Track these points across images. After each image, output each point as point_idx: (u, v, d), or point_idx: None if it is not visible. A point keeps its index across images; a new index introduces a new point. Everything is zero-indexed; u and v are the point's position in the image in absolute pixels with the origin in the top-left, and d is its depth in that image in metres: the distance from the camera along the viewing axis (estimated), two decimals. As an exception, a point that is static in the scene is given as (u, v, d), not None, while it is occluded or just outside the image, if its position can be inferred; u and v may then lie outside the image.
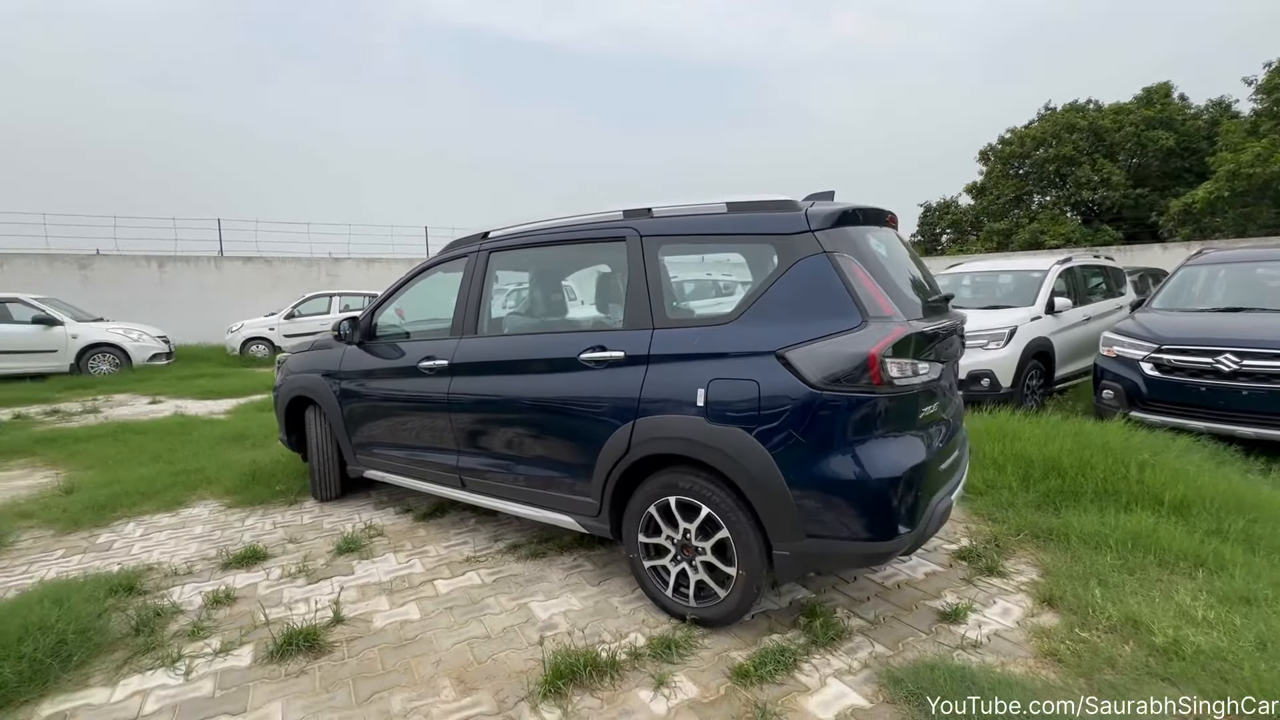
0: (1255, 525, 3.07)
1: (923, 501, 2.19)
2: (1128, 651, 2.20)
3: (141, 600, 2.73)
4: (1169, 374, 4.67)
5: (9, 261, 13.07)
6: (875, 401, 2.12)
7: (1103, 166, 26.42)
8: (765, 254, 2.41)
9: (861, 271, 2.22)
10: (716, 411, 2.29)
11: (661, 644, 2.33)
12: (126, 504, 4.00)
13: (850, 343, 2.11)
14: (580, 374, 2.69)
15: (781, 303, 2.29)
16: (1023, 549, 3.15)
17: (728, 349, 2.33)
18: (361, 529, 3.55)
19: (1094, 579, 2.68)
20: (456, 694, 2.10)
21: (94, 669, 2.25)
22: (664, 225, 2.65)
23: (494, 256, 3.23)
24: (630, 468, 2.53)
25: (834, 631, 2.41)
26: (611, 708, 2.02)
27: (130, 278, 14.22)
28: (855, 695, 2.06)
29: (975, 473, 3.94)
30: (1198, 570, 2.73)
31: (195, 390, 8.95)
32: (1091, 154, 26.98)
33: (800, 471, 2.15)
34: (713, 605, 2.41)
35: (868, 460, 2.11)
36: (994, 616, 2.54)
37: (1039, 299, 6.38)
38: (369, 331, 3.71)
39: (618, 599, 2.73)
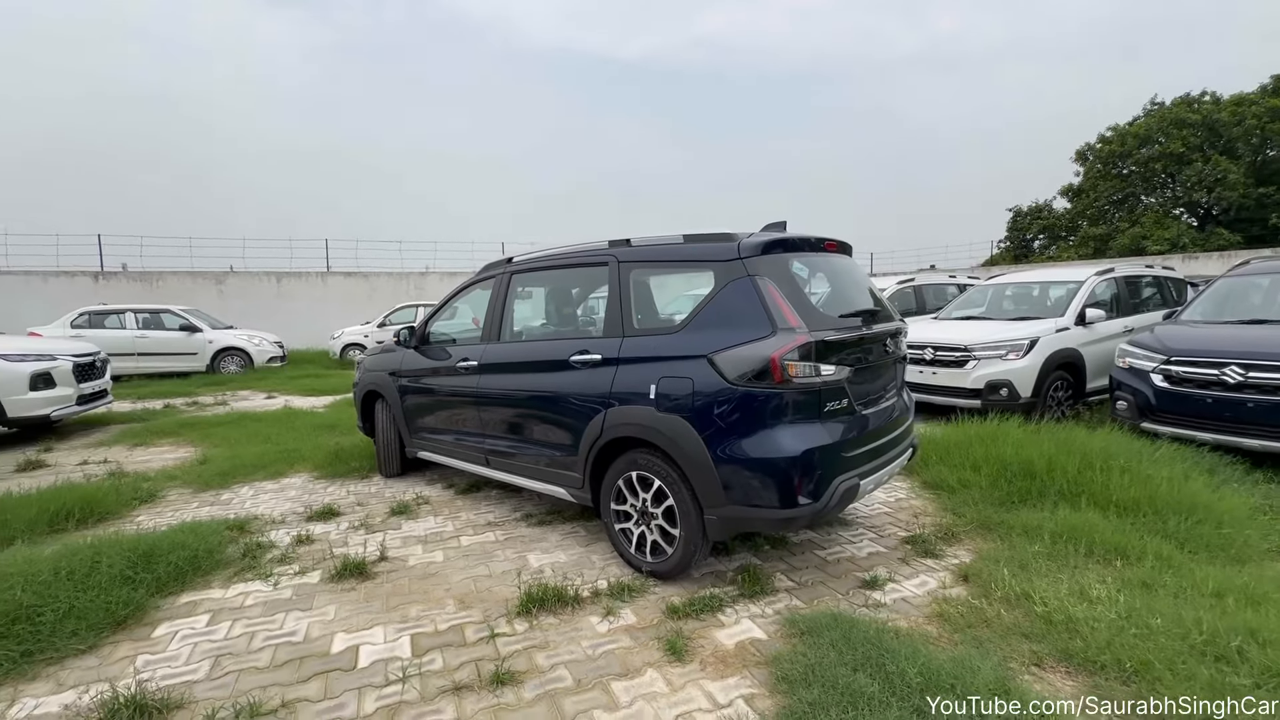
0: (1197, 526, 3.24)
1: (824, 479, 2.67)
2: (1006, 616, 2.56)
3: (249, 537, 3.64)
4: (1177, 386, 4.70)
5: (162, 279, 15.60)
6: (779, 395, 2.63)
7: (1218, 164, 24.09)
8: (706, 276, 2.97)
9: (775, 291, 2.73)
10: (663, 403, 2.87)
11: (619, 588, 2.93)
12: (243, 473, 5.07)
13: (758, 348, 2.63)
14: (571, 373, 3.34)
15: (715, 316, 2.85)
16: (969, 538, 3.47)
17: (674, 353, 2.91)
18: (412, 498, 4.38)
19: (1014, 563, 3.00)
20: (455, 609, 2.81)
21: (215, 577, 3.14)
22: (636, 253, 3.27)
23: (515, 277, 3.97)
24: (604, 448, 3.15)
25: (763, 588, 2.91)
26: (567, 625, 2.65)
27: (254, 291, 16.47)
28: (758, 631, 2.57)
29: (951, 471, 4.25)
30: (1117, 560, 2.98)
31: (302, 388, 10.42)
32: (1205, 150, 24.68)
33: (722, 451, 2.69)
34: (663, 560, 2.98)
35: (772, 442, 2.62)
36: (910, 587, 2.94)
37: (1069, 310, 6.40)
38: (423, 338, 4.56)
39: (597, 556, 3.35)
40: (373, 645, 2.52)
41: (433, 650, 2.48)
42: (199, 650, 2.50)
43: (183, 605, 2.88)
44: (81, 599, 2.65)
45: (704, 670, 2.31)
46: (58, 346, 6.87)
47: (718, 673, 2.29)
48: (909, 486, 4.43)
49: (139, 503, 4.35)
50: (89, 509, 3.95)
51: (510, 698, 2.17)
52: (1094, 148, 29.06)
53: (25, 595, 2.58)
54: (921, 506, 4.03)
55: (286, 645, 2.53)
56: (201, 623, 2.72)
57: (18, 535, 3.45)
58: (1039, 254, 31.18)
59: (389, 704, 2.14)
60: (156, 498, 4.51)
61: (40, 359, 6.34)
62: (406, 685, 2.24)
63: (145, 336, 11.62)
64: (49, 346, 6.79)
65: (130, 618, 2.72)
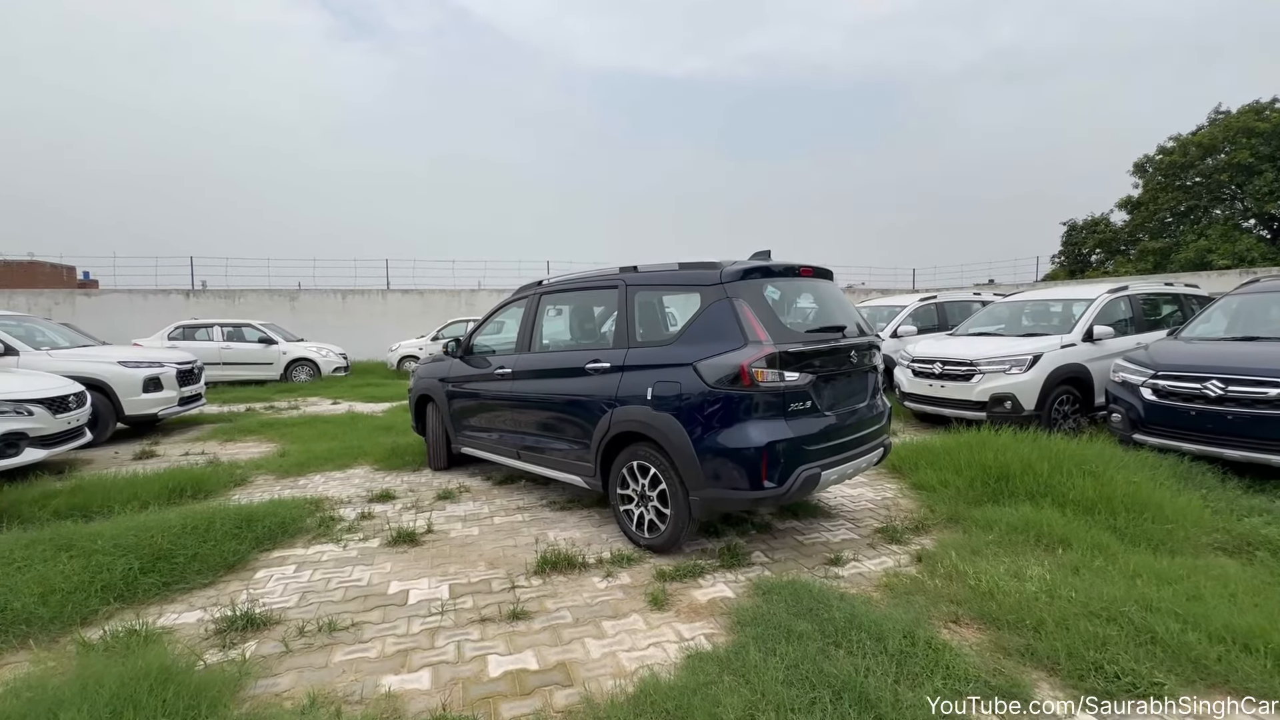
0: (1144, 523, 3.57)
1: (788, 467, 3.19)
2: (942, 587, 3.01)
3: (323, 512, 4.41)
4: (1164, 399, 4.95)
5: (243, 295, 17.27)
6: (749, 397, 3.18)
7: (1291, 174, 22.94)
8: (694, 298, 3.56)
9: (749, 310, 3.29)
10: (657, 403, 3.46)
11: (620, 557, 3.52)
12: (316, 465, 5.91)
13: (732, 358, 3.20)
14: (586, 378, 3.97)
15: (699, 331, 3.43)
16: (936, 529, 3.90)
17: (667, 361, 3.50)
18: (456, 487, 5.09)
19: (966, 548, 3.42)
20: (486, 568, 3.45)
21: (297, 541, 3.90)
22: (641, 278, 3.89)
23: (544, 297, 4.65)
24: (610, 441, 3.75)
25: (740, 561, 3.44)
26: (574, 582, 3.25)
27: (323, 306, 17.97)
28: (729, 591, 3.10)
29: (936, 474, 4.65)
30: (1059, 548, 3.37)
31: (363, 395, 11.46)
32: (1276, 160, 23.55)
33: (703, 442, 3.25)
34: (657, 536, 3.55)
35: (743, 435, 3.17)
36: (869, 565, 3.41)
37: (1077, 327, 6.63)
38: (468, 349, 5.29)
39: (606, 534, 3.94)
40: (419, 590, 3.18)
41: (465, 595, 3.12)
42: (290, 588, 3.23)
43: (275, 557, 3.63)
44: (203, 547, 3.44)
45: (678, 616, 2.87)
46: (164, 355, 8.01)
47: (688, 618, 2.85)
48: (898, 487, 4.84)
49: (234, 485, 5.22)
50: (198, 487, 4.82)
51: (522, 627, 2.78)
52: (1154, 159, 28.06)
53: (163, 542, 3.38)
54: (904, 504, 4.45)
55: (354, 587, 3.23)
56: (290, 570, 3.46)
57: (150, 503, 4.32)
58: (1095, 269, 30.16)
59: (430, 628, 2.79)
60: (247, 481, 5.38)
61: (152, 366, 7.45)
62: (444, 616, 2.89)
63: (229, 348, 12.99)
64: (157, 355, 7.93)
65: (238, 563, 3.49)
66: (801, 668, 2.27)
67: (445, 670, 2.45)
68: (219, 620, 2.83)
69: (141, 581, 3.12)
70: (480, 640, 2.68)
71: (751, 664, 2.31)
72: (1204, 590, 2.75)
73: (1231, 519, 3.74)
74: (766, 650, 2.41)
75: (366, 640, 2.69)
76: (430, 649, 2.61)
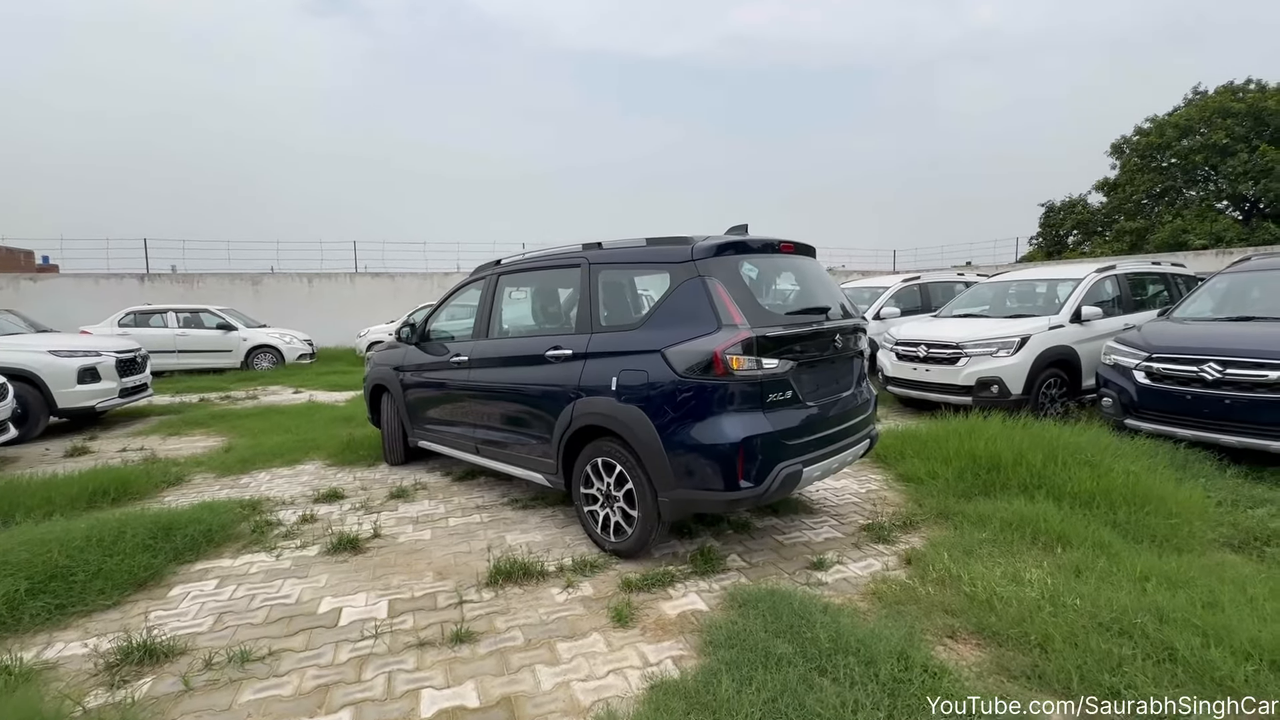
0: (1146, 517, 3.33)
1: (766, 465, 2.87)
2: (935, 594, 2.73)
3: (260, 516, 4.01)
4: (1158, 383, 4.73)
5: (202, 280, 16.48)
6: (723, 387, 2.84)
7: (1265, 154, 23.12)
8: (664, 277, 3.20)
9: (723, 290, 2.94)
10: (622, 394, 3.11)
11: (583, 564, 3.18)
12: (262, 460, 5.48)
13: (703, 343, 2.85)
14: (546, 366, 3.60)
15: (669, 314, 3.07)
16: (926, 526, 3.63)
17: (633, 348, 3.15)
18: (411, 484, 4.71)
19: (959, 548, 3.15)
20: (433, 579, 3.10)
21: (226, 549, 3.50)
22: (606, 255, 3.51)
23: (502, 278, 4.25)
24: (573, 436, 3.40)
25: (715, 567, 3.13)
26: (529, 595, 2.92)
27: (288, 291, 17.25)
28: (701, 603, 2.79)
29: (924, 464, 4.38)
30: (1059, 547, 3.11)
31: (327, 384, 10.95)
32: (1251, 141, 23.71)
33: (672, 437, 2.92)
34: (624, 540, 3.22)
35: (716, 430, 2.83)
36: (855, 568, 3.12)
37: (1065, 308, 6.41)
38: (424, 335, 4.88)
39: (570, 537, 3.61)
40: (354, 608, 2.82)
41: (406, 613, 2.77)
42: (205, 608, 2.85)
43: (196, 571, 3.24)
44: (108, 563, 3.03)
45: (644, 635, 2.55)
46: (102, 343, 7.45)
47: (655, 637, 2.53)
48: (884, 478, 4.58)
49: (167, 485, 4.78)
50: (122, 489, 4.38)
51: (465, 652, 2.44)
52: (1131, 140, 28.15)
53: (60, 557, 2.96)
54: (890, 497, 4.18)
55: (280, 606, 2.85)
56: (210, 586, 3.07)
57: (57, 510, 3.87)
58: (1073, 250, 30.36)
59: (360, 655, 2.44)
60: (183, 481, 4.94)
61: (87, 355, 6.90)
62: (378, 640, 2.54)
63: (185, 335, 12.34)
64: (94, 343, 7.37)
65: (150, 580, 3.09)
66: (781, 702, 1.97)
67: (370, 711, 2.11)
68: (112, 652, 2.44)
69: (28, 605, 2.71)
70: (416, 670, 2.33)
71: (724, 698, 1.99)
72: (1221, 596, 2.50)
73: (1236, 511, 3.53)
74: (741, 679, 2.10)
75: (283, 674, 2.32)
76: (356, 683, 2.26)
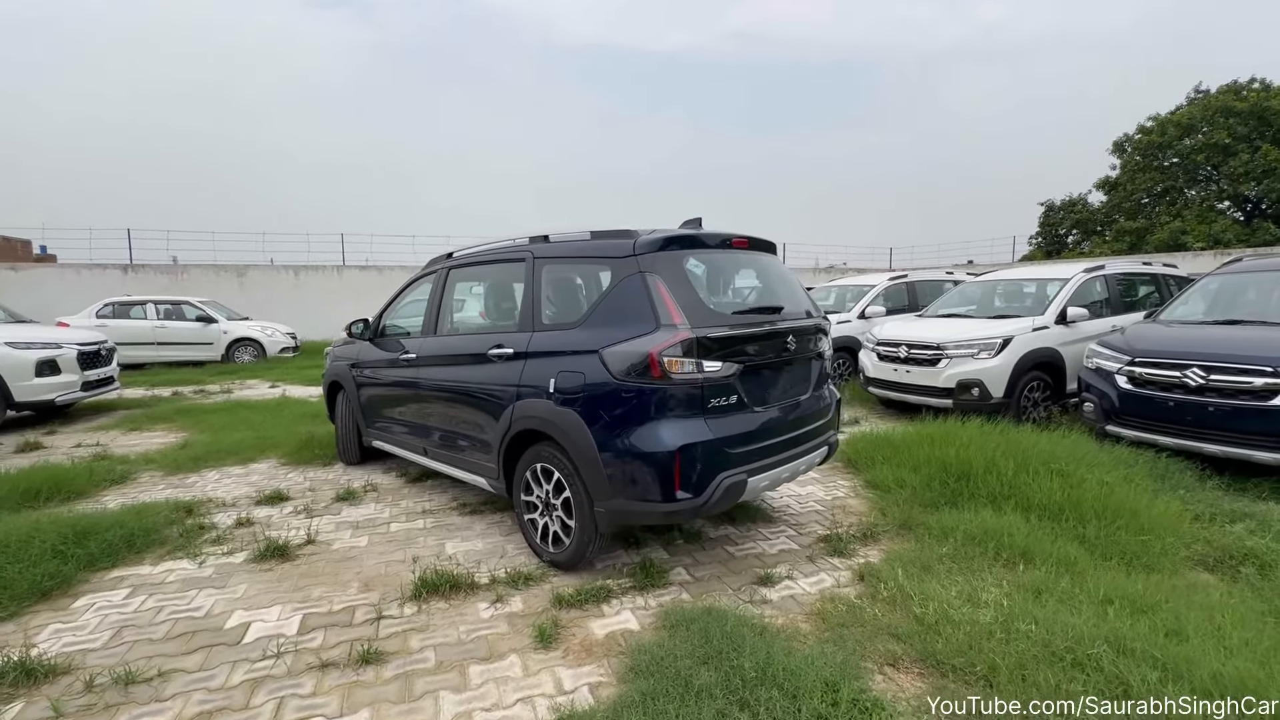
0: (1117, 532, 3.15)
1: (706, 475, 2.68)
2: (882, 616, 2.55)
3: (193, 519, 3.83)
4: (1140, 388, 4.54)
5: (187, 271, 16.28)
6: (660, 391, 2.65)
7: (1267, 154, 22.84)
8: (605, 272, 3.01)
9: (663, 288, 2.75)
10: (559, 396, 2.93)
11: (518, 576, 3.00)
12: (216, 458, 5.31)
13: (639, 344, 2.66)
14: (489, 366, 3.42)
15: (608, 312, 2.88)
16: (887, 538, 3.45)
17: (572, 348, 2.96)
18: (362, 485, 4.53)
19: (916, 564, 2.97)
20: (357, 591, 2.92)
21: (147, 555, 3.33)
22: (550, 249, 3.32)
23: (452, 272, 4.06)
24: (513, 440, 3.22)
25: (656, 581, 2.95)
26: (453, 610, 2.74)
27: (275, 284, 17.05)
28: (634, 622, 2.62)
29: (892, 471, 4.20)
30: (1021, 564, 2.93)
31: (306, 378, 10.76)
32: (1253, 140, 23.43)
33: (608, 444, 2.73)
34: (561, 551, 3.04)
35: (652, 437, 2.65)
36: (804, 585, 2.94)
37: (1050, 309, 6.21)
38: (378, 330, 4.69)
39: (512, 546, 3.43)
40: (264, 622, 2.65)
41: (318, 629, 2.59)
42: (107, 621, 2.67)
43: (109, 580, 3.06)
44: (10, 570, 2.85)
45: (565, 658, 2.37)
46: (63, 335, 7.26)
47: (577, 660, 2.35)
48: (852, 485, 4.40)
49: (110, 484, 4.61)
50: (57, 488, 4.20)
51: (369, 676, 2.26)
52: (1132, 139, 27.85)
53: (-43, 565, 2.79)
54: (854, 505, 4.00)
55: (187, 619, 2.68)
56: (119, 596, 2.89)
57: (-20, 511, 3.70)
58: (1072, 249, 30.12)
59: (255, 677, 2.26)
60: (128, 479, 4.76)
61: (46, 347, 6.72)
62: (279, 660, 2.36)
63: (164, 327, 12.15)
64: (55, 335, 7.19)
65: (56, 589, 2.91)
66: (690, 742, 1.79)
67: (247, 743, 1.93)
68: (-11, 671, 2.27)
69: (-89, 619, 2.54)
70: (311, 696, 2.16)
71: (629, 736, 1.82)
72: (1186, 623, 2.32)
73: (1213, 527, 3.34)
74: (654, 713, 1.93)
75: (166, 698, 2.15)
76: (242, 710, 2.08)
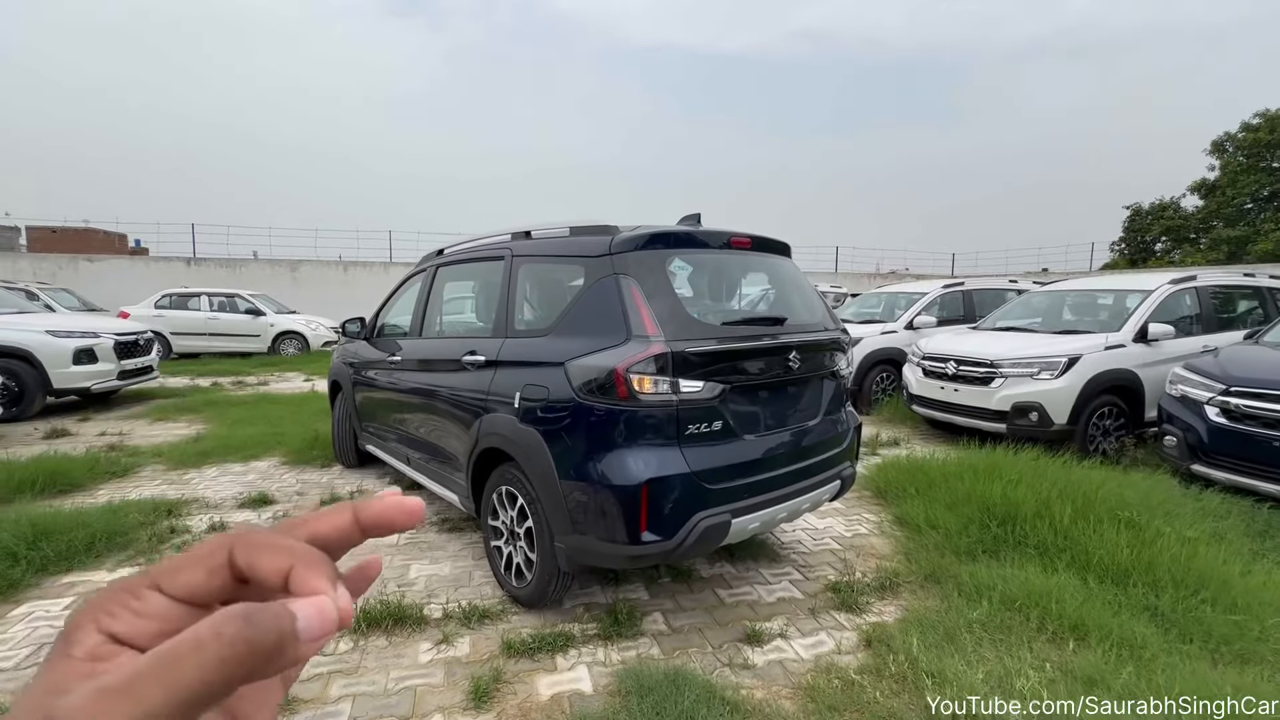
0: (1200, 606, 2.54)
1: (678, 514, 2.28)
2: (884, 700, 2.08)
3: (171, 521, 3.70)
4: (1237, 422, 3.81)
5: (244, 265, 16.98)
6: (627, 414, 2.27)
7: (1398, 155, 20.27)
8: (579, 274, 2.64)
9: (637, 293, 2.36)
10: (523, 412, 2.59)
11: (475, 612, 2.68)
12: (222, 454, 5.25)
13: (603, 358, 2.28)
14: (463, 374, 3.11)
15: (579, 318, 2.52)
16: (909, 591, 2.94)
17: (540, 358, 2.61)
18: (352, 491, 4.33)
19: (939, 630, 2.48)
20: (299, 619, 2.66)
21: (106, 560, 3.19)
22: (530, 247, 2.99)
23: (440, 271, 3.79)
24: (480, 457, 2.90)
25: (627, 630, 2.56)
26: (392, 650, 2.44)
27: (325, 279, 17.57)
28: (587, 682, 2.24)
29: (922, 506, 3.66)
30: (1072, 641, 2.38)
31: (341, 372, 10.90)
32: (1381, 139, 20.85)
33: (568, 471, 2.37)
34: (524, 586, 2.70)
35: (616, 467, 2.26)
36: (799, 647, 2.48)
37: (1128, 325, 5.44)
38: (375, 329, 4.49)
39: (480, 573, 3.11)
40: (188, 650, 2.41)
41: (239, 663, 2.33)
42: (35, 635, 2.50)
43: (60, 585, 2.92)
44: (-47, 572, 2.74)
45: (496, 724, 2.02)
46: (103, 325, 7.49)
47: (508, 729, 2.00)
48: (878, 520, 3.87)
49: (111, 477, 4.58)
50: (53, 480, 4.17)
51: (269, 731, 1.97)
52: (1235, 137, 25.33)
53: (-98, 564, 2.69)
54: (877, 546, 3.48)
55: (112, 640, 2.47)
56: (63, 606, 2.74)
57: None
58: (1160, 258, 27.69)
59: None
60: (130, 473, 4.73)
61: (84, 336, 6.92)
62: (183, 701, 2.10)
63: (216, 318, 12.60)
64: (95, 325, 7.41)
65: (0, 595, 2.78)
66: None
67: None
68: (-114, 689, 2.11)
69: None
70: (199, 750, 1.88)
71: None
72: (1294, 752, 1.76)
73: (1331, 606, 2.67)
74: (570, 822, 1.54)
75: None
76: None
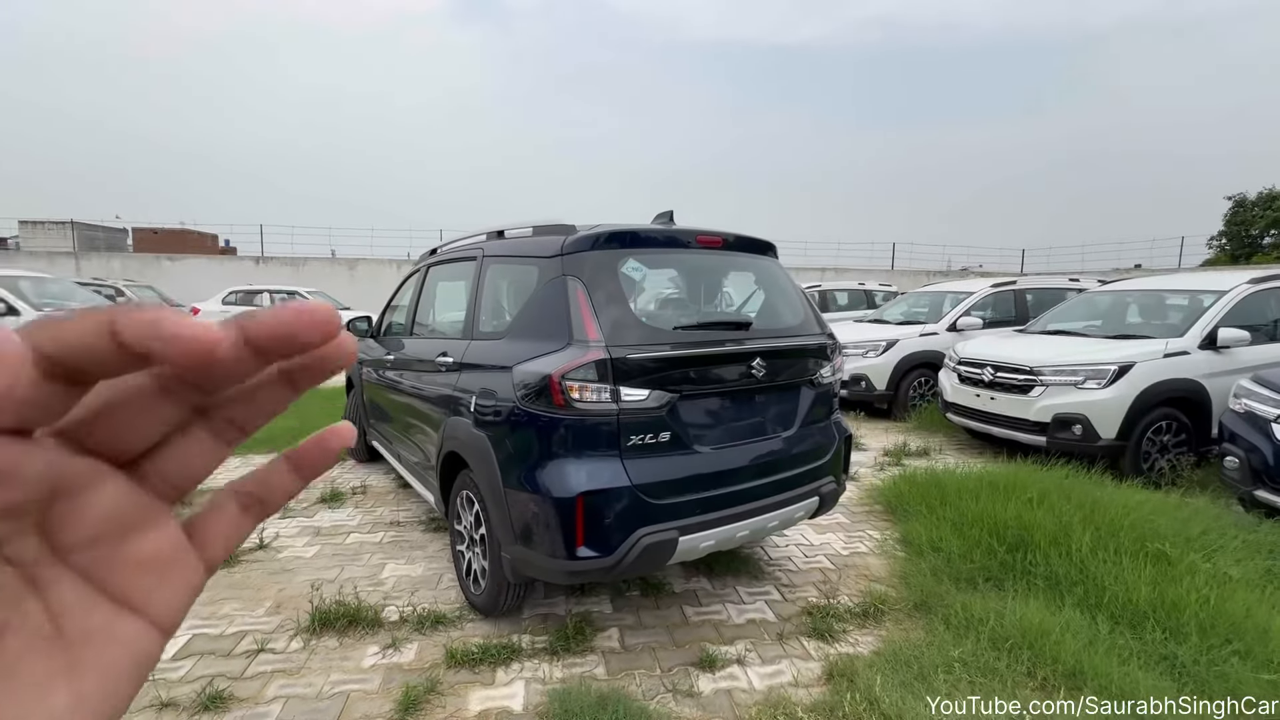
0: (1229, 657, 2.19)
1: (617, 530, 2.15)
2: (829, 745, 1.89)
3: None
4: (1310, 443, 3.32)
5: (306, 264, 17.93)
6: (563, 422, 2.16)
7: None
8: (534, 274, 2.55)
9: (582, 296, 2.25)
10: (476, 416, 2.53)
11: (430, 617, 2.65)
12: (254, 445, 5.48)
13: (540, 364, 2.19)
14: (436, 375, 3.09)
15: (530, 321, 2.44)
16: (892, 618, 2.70)
17: (494, 361, 2.54)
18: (355, 486, 4.43)
19: (912, 668, 2.25)
20: (265, 612, 2.71)
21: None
22: (499, 247, 2.93)
23: (432, 269, 3.79)
24: (446, 460, 2.87)
25: (575, 645, 2.46)
26: (341, 651, 2.44)
27: (380, 276, 18.27)
28: (519, 700, 2.16)
29: (928, 526, 3.37)
30: (1063, 690, 2.11)
31: (385, 367, 11.30)
32: None
33: (511, 479, 2.29)
34: (480, 593, 2.65)
35: (553, 476, 2.16)
36: (754, 675, 2.32)
37: (1194, 329, 4.86)
38: (381, 328, 4.56)
39: (450, 576, 3.08)
40: (151, 640, 2.49)
41: (192, 656, 2.39)
42: (24, 617, 2.65)
43: (63, 569, 3.10)
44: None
45: (415, 739, 1.97)
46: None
47: (424, 746, 1.94)
48: (882, 539, 3.60)
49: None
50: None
51: (196, 728, 2.00)
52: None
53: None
54: (873, 567, 3.24)
55: (88, 625, 2.59)
56: (56, 589, 2.90)
57: None
58: (1268, 253, 25.07)
59: (92, 709, 2.07)
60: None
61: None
62: (129, 691, 2.17)
63: (276, 314, 13.35)
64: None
65: None
66: None
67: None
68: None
69: None
70: (126, 743, 1.92)
71: None
72: None
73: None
74: None
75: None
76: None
